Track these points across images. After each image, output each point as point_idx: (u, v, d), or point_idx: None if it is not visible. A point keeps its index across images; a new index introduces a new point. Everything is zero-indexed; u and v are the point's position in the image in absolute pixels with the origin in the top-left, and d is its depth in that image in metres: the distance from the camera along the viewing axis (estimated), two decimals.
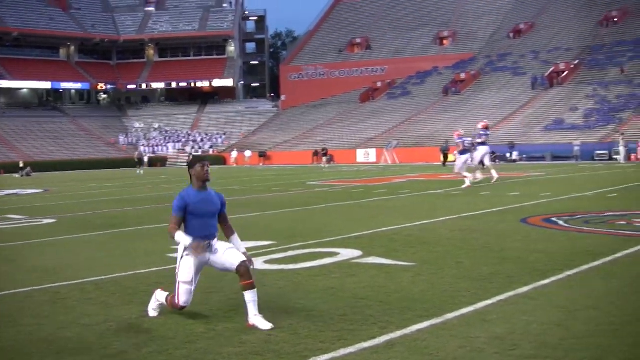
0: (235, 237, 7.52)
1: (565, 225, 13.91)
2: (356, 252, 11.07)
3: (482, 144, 29.03)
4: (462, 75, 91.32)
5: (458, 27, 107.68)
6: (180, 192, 7.31)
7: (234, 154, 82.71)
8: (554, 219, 14.82)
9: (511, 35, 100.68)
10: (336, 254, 10.99)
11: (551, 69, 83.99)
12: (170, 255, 11.41)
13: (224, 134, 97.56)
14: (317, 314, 7.19)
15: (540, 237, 12.42)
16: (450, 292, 8.12)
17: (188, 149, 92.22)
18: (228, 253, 7.23)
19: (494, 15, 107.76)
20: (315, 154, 75.06)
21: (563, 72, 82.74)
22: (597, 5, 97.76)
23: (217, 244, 7.31)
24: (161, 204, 23.22)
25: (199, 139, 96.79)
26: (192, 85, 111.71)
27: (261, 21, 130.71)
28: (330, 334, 6.38)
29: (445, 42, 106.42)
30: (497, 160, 57.28)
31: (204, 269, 7.34)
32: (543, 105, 76.05)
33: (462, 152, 27.95)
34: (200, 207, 7.23)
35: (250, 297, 6.90)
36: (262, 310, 6.87)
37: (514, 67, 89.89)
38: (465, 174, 27.18)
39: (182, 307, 7.17)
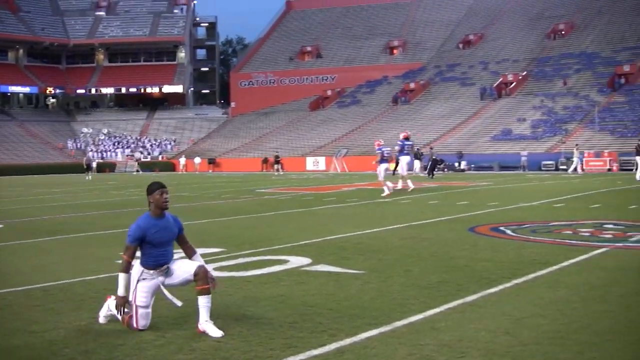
0: (197, 257, 7.43)
1: (513, 234, 14.06)
2: (306, 260, 11.08)
3: (404, 153, 30.27)
4: (412, 85, 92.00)
5: (408, 37, 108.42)
6: (138, 222, 7.18)
7: (182, 160, 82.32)
8: (501, 228, 14.98)
9: (460, 46, 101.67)
10: (286, 261, 10.99)
11: (499, 80, 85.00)
12: (119, 261, 11.29)
13: (174, 141, 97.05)
14: (267, 322, 7.18)
15: (488, 246, 12.54)
16: (399, 300, 8.16)
17: (137, 154, 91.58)
18: (182, 264, 7.23)
19: (444, 25, 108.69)
20: (265, 161, 75.05)
21: (511, 83, 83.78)
22: (544, 18, 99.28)
23: (172, 264, 7.25)
24: (109, 210, 23.04)
25: (148, 145, 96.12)
26: (142, 90, 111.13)
27: (212, 28, 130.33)
28: (280, 342, 6.39)
29: (395, 51, 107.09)
30: (446, 170, 57.74)
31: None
32: (491, 116, 76.89)
33: (381, 161, 28.70)
34: (158, 236, 7.15)
35: (204, 302, 6.85)
36: (212, 317, 6.85)
37: (462, 77, 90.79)
38: (388, 183, 27.87)
39: (140, 330, 7.00)
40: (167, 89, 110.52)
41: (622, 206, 20.54)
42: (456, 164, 60.84)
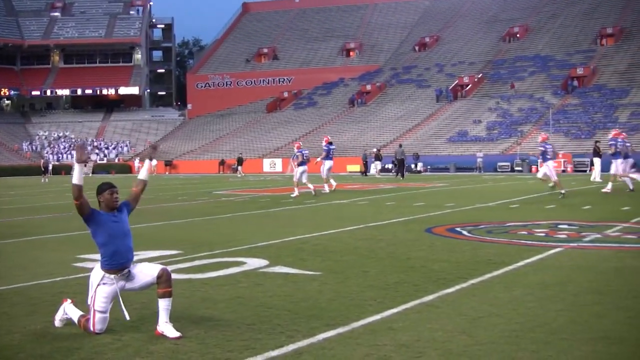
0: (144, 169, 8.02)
1: (469, 235, 14.16)
2: (263, 262, 11.06)
3: (329, 157, 31.24)
4: (368, 87, 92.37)
5: (364, 39, 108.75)
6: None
7: (137, 162, 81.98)
8: (458, 229, 15.08)
9: (416, 48, 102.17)
10: (243, 263, 10.97)
11: (455, 82, 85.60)
12: (75, 264, 11.24)
13: (130, 143, 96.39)
14: (225, 323, 7.16)
15: (444, 246, 12.62)
16: (356, 301, 8.18)
17: (93, 157, 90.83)
18: (144, 268, 7.18)
19: (400, 28, 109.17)
20: (222, 163, 74.87)
21: (467, 85, 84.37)
22: (500, 21, 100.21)
23: (133, 269, 7.18)
24: (64, 212, 22.82)
25: (104, 147, 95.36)
26: (98, 92, 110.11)
27: (168, 29, 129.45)
28: (238, 343, 6.37)
29: (351, 53, 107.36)
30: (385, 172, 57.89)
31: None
32: (447, 118, 77.42)
33: (301, 164, 29.04)
34: (111, 228, 7.08)
35: (165, 304, 6.81)
36: (170, 319, 6.81)
37: (419, 79, 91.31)
38: (309, 185, 28.58)
39: (97, 334, 6.90)
40: (123, 90, 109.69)
41: (576, 207, 20.76)
42: (412, 166, 61.06)
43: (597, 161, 37.75)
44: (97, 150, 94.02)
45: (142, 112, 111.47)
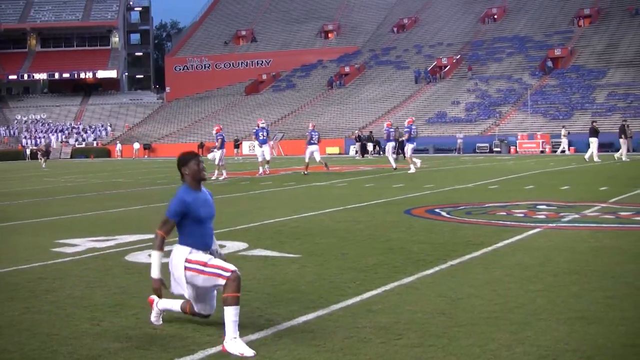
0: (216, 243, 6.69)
1: (448, 216, 14.19)
2: (242, 245, 11.05)
3: (263, 141, 32.42)
4: (347, 69, 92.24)
5: (343, 21, 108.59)
6: (180, 194, 6.35)
7: (119, 146, 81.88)
8: (437, 210, 15.11)
9: (395, 29, 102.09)
10: (222, 246, 10.90)
11: (434, 64, 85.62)
12: (54, 249, 11.17)
13: (109, 126, 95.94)
14: None
15: (423, 228, 12.64)
16: (336, 283, 8.18)
17: (72, 141, 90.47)
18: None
19: (378, 10, 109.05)
20: (201, 146, 74.64)
21: (445, 66, 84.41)
22: (478, 2, 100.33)
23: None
24: (42, 197, 22.71)
25: (82, 131, 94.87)
26: (76, 76, 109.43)
27: (146, 12, 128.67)
28: (216, 327, 6.35)
29: (330, 35, 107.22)
30: (381, 153, 58.00)
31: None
32: (426, 99, 77.50)
33: (221, 147, 30.48)
34: (201, 211, 6.32)
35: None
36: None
37: (397, 61, 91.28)
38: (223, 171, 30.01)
39: (234, 275, 6.05)
40: (101, 74, 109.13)
41: (555, 187, 20.85)
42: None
43: (593, 140, 37.63)
44: (75, 135, 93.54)
45: (120, 96, 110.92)
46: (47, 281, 8.23)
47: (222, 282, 6.03)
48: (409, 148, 31.06)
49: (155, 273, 6.34)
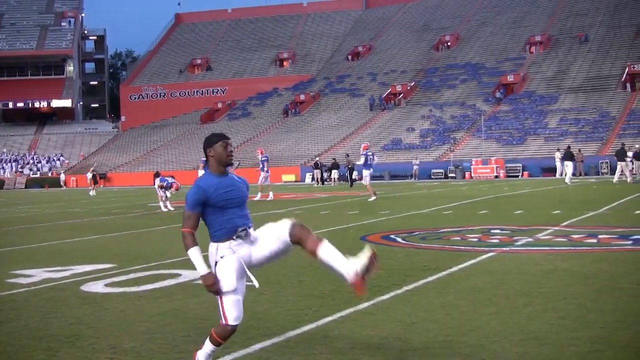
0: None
1: (403, 242, 14.28)
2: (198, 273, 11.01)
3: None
4: (302, 97, 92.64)
5: (297, 49, 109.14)
6: (197, 182, 5.79)
7: (62, 176, 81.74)
8: (392, 236, 15.19)
9: (349, 57, 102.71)
10: (178, 275, 10.90)
11: (388, 91, 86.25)
12: (9, 280, 11.06)
13: (62, 156, 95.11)
14: (160, 336, 7.14)
15: (379, 253, 12.59)
16: (293, 310, 8.22)
17: (26, 171, 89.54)
18: (268, 230, 6.11)
19: (333, 38, 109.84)
20: (157, 175, 74.17)
21: (400, 93, 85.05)
22: (431, 30, 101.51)
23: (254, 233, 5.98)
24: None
25: (37, 161, 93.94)
26: (30, 105, 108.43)
27: (101, 41, 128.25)
28: (174, 356, 6.36)
29: (285, 63, 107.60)
30: (337, 180, 58.11)
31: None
32: (381, 126, 78.01)
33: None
34: (224, 197, 5.69)
35: (329, 253, 5.93)
36: (102, 335, 6.74)
37: (352, 88, 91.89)
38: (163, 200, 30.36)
39: (234, 328, 5.81)
40: (56, 103, 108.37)
41: (508, 212, 21.06)
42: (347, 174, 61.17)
43: (569, 164, 38.61)
44: (30, 164, 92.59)
45: (75, 125, 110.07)
46: (2, 312, 8.17)
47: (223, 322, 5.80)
48: (366, 174, 30.85)
49: (202, 268, 5.93)
